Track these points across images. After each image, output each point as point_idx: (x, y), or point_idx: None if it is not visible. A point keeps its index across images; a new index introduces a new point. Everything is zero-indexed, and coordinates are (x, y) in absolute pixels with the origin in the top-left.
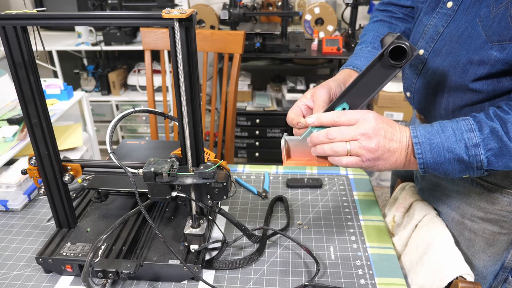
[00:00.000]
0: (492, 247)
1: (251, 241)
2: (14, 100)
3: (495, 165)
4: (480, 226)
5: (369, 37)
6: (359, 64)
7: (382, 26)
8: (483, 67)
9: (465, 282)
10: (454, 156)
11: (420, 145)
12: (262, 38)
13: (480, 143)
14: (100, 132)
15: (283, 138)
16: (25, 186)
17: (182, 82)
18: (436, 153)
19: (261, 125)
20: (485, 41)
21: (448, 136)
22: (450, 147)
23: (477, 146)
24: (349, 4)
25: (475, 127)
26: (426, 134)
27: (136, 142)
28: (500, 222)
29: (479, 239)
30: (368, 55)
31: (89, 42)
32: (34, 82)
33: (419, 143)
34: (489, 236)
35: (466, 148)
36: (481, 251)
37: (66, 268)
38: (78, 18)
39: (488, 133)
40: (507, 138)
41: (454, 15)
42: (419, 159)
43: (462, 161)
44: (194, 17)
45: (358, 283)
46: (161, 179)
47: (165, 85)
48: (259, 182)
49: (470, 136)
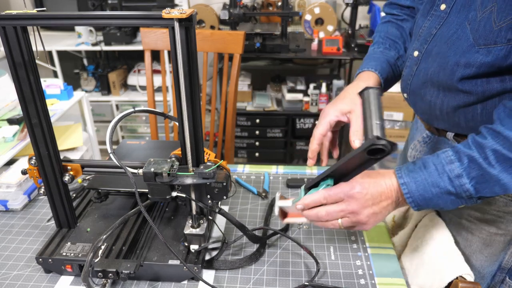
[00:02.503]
0: (489, 248)
1: (251, 241)
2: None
3: (483, 192)
4: (477, 226)
5: (380, 37)
6: (373, 65)
7: (391, 26)
8: (469, 69)
9: (465, 282)
10: (441, 190)
11: (406, 185)
12: (262, 38)
13: (462, 173)
14: (100, 132)
15: (276, 205)
16: (25, 186)
17: (182, 82)
18: (422, 190)
19: (261, 125)
20: (472, 44)
21: (431, 172)
22: (434, 181)
23: (461, 177)
24: (349, 4)
25: (455, 158)
26: (410, 173)
27: (136, 142)
28: (497, 223)
29: (476, 239)
30: (380, 56)
31: (89, 42)
32: (34, 82)
33: (405, 183)
34: (486, 237)
35: (450, 180)
36: (478, 251)
37: (66, 268)
38: (78, 18)
39: (467, 162)
40: (486, 164)
41: (446, 17)
42: (408, 198)
43: (450, 193)
44: (194, 17)
45: (358, 283)
46: (161, 179)
47: (165, 85)
48: (259, 182)
49: (451, 168)
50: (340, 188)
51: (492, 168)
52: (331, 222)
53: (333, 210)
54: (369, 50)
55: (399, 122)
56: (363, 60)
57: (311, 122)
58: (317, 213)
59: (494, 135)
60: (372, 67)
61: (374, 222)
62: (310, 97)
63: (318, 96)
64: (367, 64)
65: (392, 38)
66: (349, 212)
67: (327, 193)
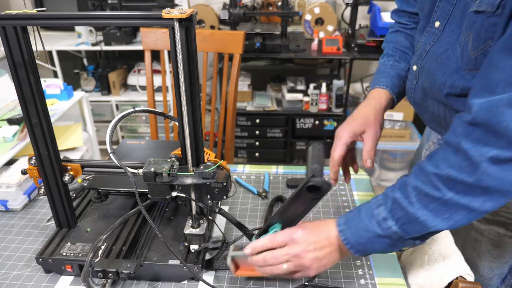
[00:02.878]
0: (498, 249)
1: (251, 241)
2: (14, 100)
3: (410, 232)
4: (486, 227)
5: (389, 49)
6: (384, 81)
7: (400, 36)
8: (454, 90)
9: (465, 282)
10: (371, 234)
11: (343, 232)
12: (262, 38)
13: (387, 216)
14: (100, 132)
15: (229, 255)
16: (25, 186)
17: (182, 82)
18: (356, 235)
19: (261, 125)
20: (460, 67)
21: (362, 217)
22: (365, 226)
23: (386, 220)
24: (349, 4)
25: (382, 202)
26: (347, 220)
27: (136, 142)
28: (507, 225)
29: (485, 240)
30: (391, 70)
31: (89, 42)
32: (34, 82)
33: (342, 230)
34: (495, 238)
35: (378, 224)
36: (487, 252)
37: (66, 268)
38: (78, 18)
39: (390, 204)
40: (407, 202)
41: (440, 35)
42: (347, 244)
43: (381, 236)
44: (194, 17)
45: (358, 283)
46: (161, 179)
47: (165, 85)
48: (259, 182)
49: (378, 212)
50: (285, 233)
51: (412, 206)
52: (276, 267)
53: (278, 254)
54: (380, 62)
55: (399, 122)
56: (374, 74)
57: (311, 122)
58: (264, 257)
59: (417, 172)
60: (383, 84)
61: (317, 268)
62: (310, 97)
63: (318, 96)
64: (378, 81)
65: (402, 49)
66: (292, 256)
67: (272, 237)
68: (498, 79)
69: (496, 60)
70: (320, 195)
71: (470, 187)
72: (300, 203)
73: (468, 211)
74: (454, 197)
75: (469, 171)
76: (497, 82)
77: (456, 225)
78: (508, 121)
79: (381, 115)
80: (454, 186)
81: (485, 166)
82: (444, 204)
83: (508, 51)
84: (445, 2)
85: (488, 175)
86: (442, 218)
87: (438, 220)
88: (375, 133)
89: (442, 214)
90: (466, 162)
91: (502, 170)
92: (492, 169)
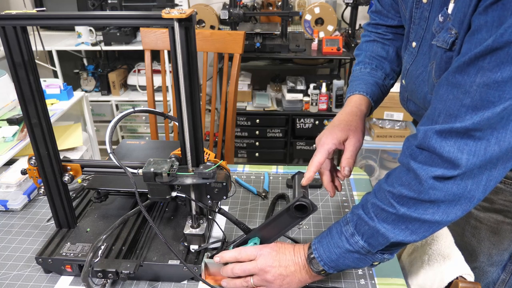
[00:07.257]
0: (496, 235)
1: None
2: (14, 100)
3: (376, 245)
4: (485, 215)
5: (365, 57)
6: (364, 88)
7: (376, 46)
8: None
9: (465, 282)
10: (341, 250)
11: (317, 250)
12: (262, 38)
13: (354, 232)
14: (100, 132)
15: (203, 261)
16: (25, 186)
17: (182, 82)
18: (328, 252)
19: (261, 125)
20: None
21: (333, 234)
22: (335, 243)
23: (354, 235)
24: (349, 4)
25: (349, 219)
26: (320, 239)
27: (136, 142)
28: (504, 212)
29: (484, 227)
30: (369, 77)
31: (89, 42)
32: (34, 82)
33: (316, 249)
34: (493, 225)
35: (347, 240)
36: (486, 239)
37: (66, 268)
38: (78, 18)
39: (356, 220)
40: (368, 218)
41: (416, 55)
42: (320, 261)
43: (351, 251)
44: (194, 17)
45: (358, 283)
46: (161, 179)
47: (165, 85)
48: (259, 182)
49: (347, 229)
50: (254, 247)
51: (372, 221)
52: (244, 279)
53: (246, 267)
54: (355, 69)
55: (399, 122)
56: (350, 81)
57: (311, 122)
58: (232, 268)
59: (376, 190)
60: (363, 90)
61: (280, 285)
62: (310, 97)
63: (318, 96)
64: (357, 87)
65: (378, 58)
66: (258, 269)
67: (242, 249)
68: (440, 110)
69: (441, 92)
70: (306, 214)
71: (419, 202)
72: (283, 221)
73: (421, 223)
74: (407, 212)
75: (418, 188)
76: (439, 112)
77: (418, 236)
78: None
79: (363, 122)
80: (406, 202)
81: (431, 183)
82: (399, 218)
83: (450, 85)
84: (417, 26)
85: (434, 189)
86: (400, 229)
87: (397, 232)
88: (357, 140)
89: (399, 226)
90: (414, 180)
91: (446, 184)
92: (437, 185)
